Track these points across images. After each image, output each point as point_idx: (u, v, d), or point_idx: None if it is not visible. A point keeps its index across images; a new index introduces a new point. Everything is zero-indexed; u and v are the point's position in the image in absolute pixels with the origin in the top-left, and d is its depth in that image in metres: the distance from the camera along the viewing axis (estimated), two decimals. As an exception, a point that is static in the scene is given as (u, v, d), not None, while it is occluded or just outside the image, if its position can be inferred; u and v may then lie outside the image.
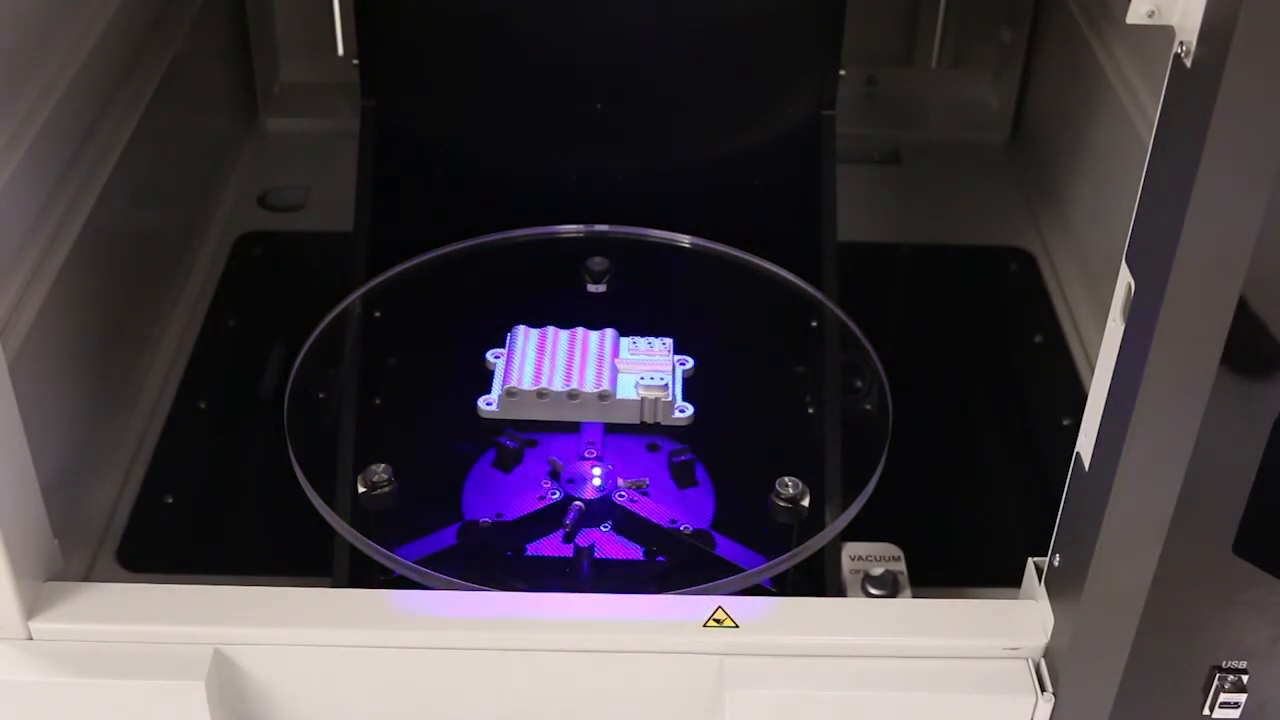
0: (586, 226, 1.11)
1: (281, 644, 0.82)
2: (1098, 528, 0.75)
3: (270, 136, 1.41)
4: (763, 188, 1.15)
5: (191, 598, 0.83)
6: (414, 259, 1.08)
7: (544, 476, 0.97)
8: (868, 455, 0.94)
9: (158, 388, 1.12)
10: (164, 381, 1.13)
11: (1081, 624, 0.79)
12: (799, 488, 0.91)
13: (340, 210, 1.12)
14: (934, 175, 1.37)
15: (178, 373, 1.14)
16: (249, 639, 0.82)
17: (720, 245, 1.09)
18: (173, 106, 1.16)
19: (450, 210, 1.13)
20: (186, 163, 1.23)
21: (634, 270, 1.09)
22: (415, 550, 0.90)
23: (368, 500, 0.91)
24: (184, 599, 0.83)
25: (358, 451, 0.96)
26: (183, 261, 1.22)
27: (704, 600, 0.83)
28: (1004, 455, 1.10)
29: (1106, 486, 0.74)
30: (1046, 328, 1.20)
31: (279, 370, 1.12)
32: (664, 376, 0.95)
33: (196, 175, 1.27)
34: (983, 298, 1.25)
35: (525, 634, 0.82)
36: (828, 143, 1.11)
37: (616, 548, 0.93)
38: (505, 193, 1.13)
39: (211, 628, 0.82)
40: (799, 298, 1.07)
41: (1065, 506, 0.81)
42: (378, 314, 1.07)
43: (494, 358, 0.97)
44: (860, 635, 0.83)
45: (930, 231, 1.29)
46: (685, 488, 0.98)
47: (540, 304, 1.03)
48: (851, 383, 1.02)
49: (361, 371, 1.03)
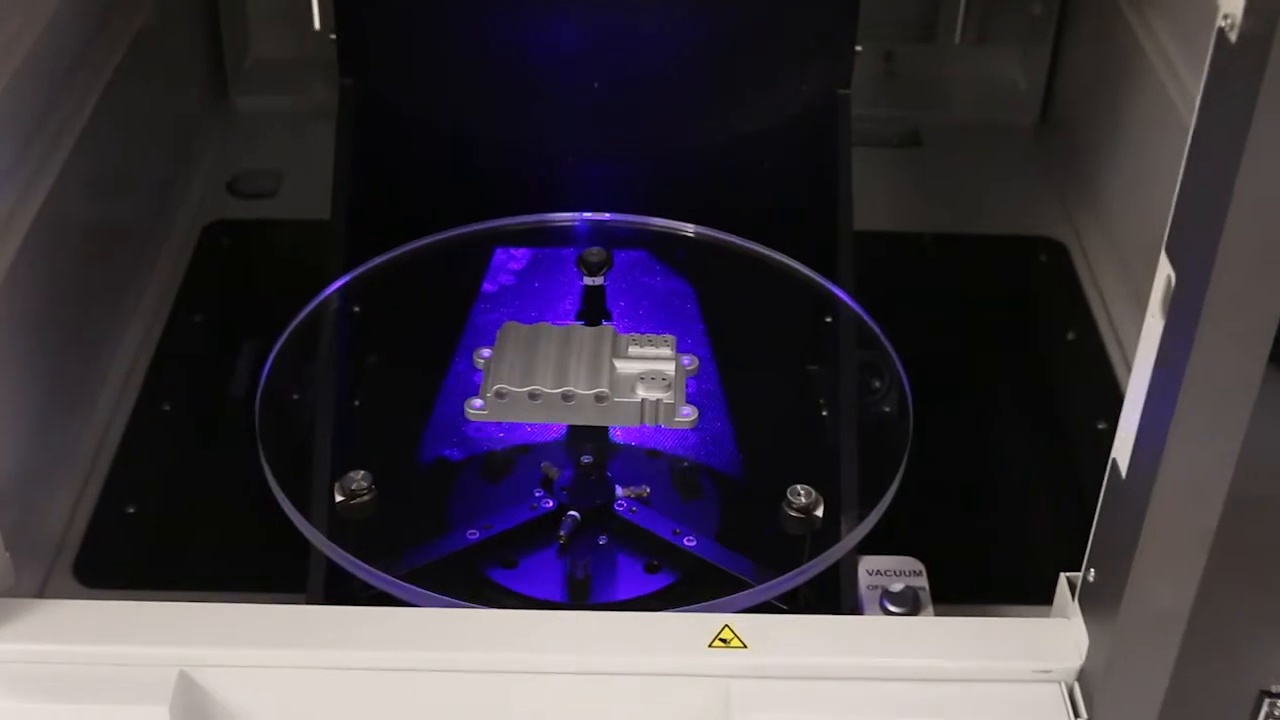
0: (583, 214, 1.11)
1: (252, 665, 0.82)
2: (1136, 540, 0.75)
3: (240, 117, 1.41)
4: (773, 173, 1.15)
5: (154, 616, 0.83)
6: (396, 249, 1.07)
7: (536, 485, 0.97)
8: (886, 461, 0.94)
9: (118, 389, 1.12)
10: (125, 382, 1.13)
11: (1118, 644, 0.79)
12: (812, 497, 0.91)
13: (316, 197, 1.12)
14: (957, 159, 1.37)
15: (140, 372, 1.14)
16: (217, 660, 0.82)
17: (727, 235, 1.09)
18: (135, 84, 1.16)
19: (435, 197, 1.14)
20: (150, 145, 1.23)
21: (634, 262, 1.09)
22: (397, 565, 0.89)
23: (346, 510, 0.91)
24: (146, 617, 0.83)
25: (335, 458, 0.95)
26: (146, 252, 1.22)
27: (709, 618, 0.83)
28: (1034, 462, 1.10)
29: (1145, 495, 0.74)
30: (1079, 324, 1.20)
31: (250, 370, 1.12)
32: (666, 376, 0.94)
33: (161, 159, 1.27)
34: (1010, 291, 1.25)
35: (516, 655, 0.82)
36: (843, 124, 1.11)
37: (615, 562, 0.94)
38: (495, 178, 1.13)
39: (176, 648, 0.82)
40: (812, 291, 1.07)
41: (1100, 517, 0.81)
42: (357, 309, 1.06)
43: (482, 356, 0.96)
44: (878, 656, 0.83)
45: (953, 220, 1.30)
46: (689, 497, 0.98)
47: (533, 298, 1.03)
48: (869, 383, 1.02)
49: (339, 371, 1.02)
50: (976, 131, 1.40)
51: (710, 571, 0.92)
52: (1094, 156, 1.29)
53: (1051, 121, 1.41)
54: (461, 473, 0.99)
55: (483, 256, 1.10)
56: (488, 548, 0.93)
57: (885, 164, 1.35)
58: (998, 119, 1.41)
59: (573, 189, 1.12)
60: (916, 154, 1.38)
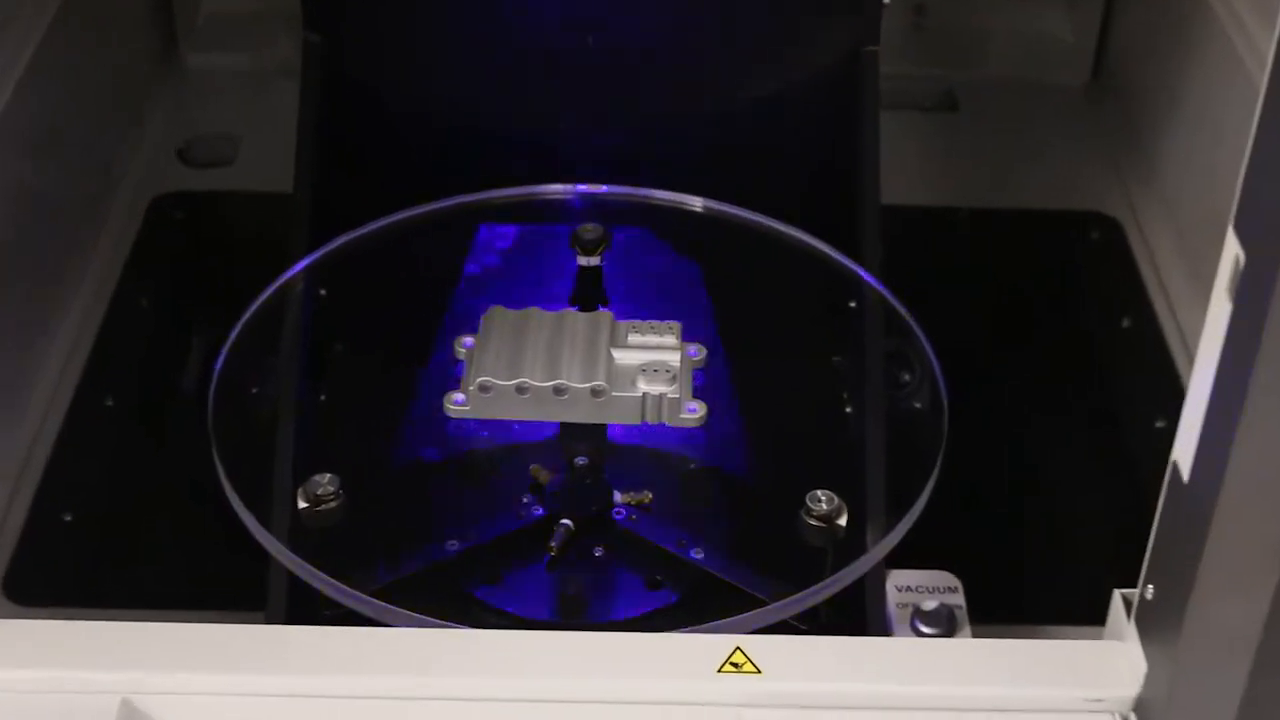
0: (577, 186, 1.11)
1: (204, 693, 0.81)
2: (1200, 552, 0.75)
3: (192, 76, 1.41)
4: (790, 140, 1.15)
5: (94, 636, 0.82)
6: (367, 225, 1.07)
7: (524, 490, 0.96)
8: (918, 463, 0.94)
9: (54, 381, 1.12)
10: (62, 373, 1.13)
11: (1181, 670, 0.78)
12: (834, 503, 0.91)
13: (278, 166, 1.11)
14: (998, 124, 1.37)
15: (78, 363, 1.13)
16: (164, 687, 0.81)
17: (739, 209, 1.09)
18: (74, 39, 1.16)
19: (411, 167, 1.13)
20: (90, 107, 1.23)
21: (635, 240, 1.09)
22: (368, 579, 0.89)
23: (310, 518, 0.91)
24: (85, 638, 0.82)
25: (298, 459, 0.95)
26: (86, 227, 1.22)
27: (719, 640, 0.83)
28: (1084, 464, 1.11)
29: (1210, 501, 0.74)
30: (1135, 309, 1.20)
31: (202, 360, 1.11)
32: (670, 368, 0.94)
33: (103, 123, 1.26)
34: (1058, 273, 1.25)
35: (501, 681, 0.82)
36: (869, 86, 1.11)
37: (612, 576, 0.94)
38: (478, 146, 1.13)
39: (118, 673, 0.81)
40: (834, 273, 1.06)
41: (1159, 526, 0.80)
42: (323, 292, 1.06)
43: (464, 346, 0.96)
44: (909, 683, 0.82)
45: (993, 193, 1.30)
46: (696, 504, 0.98)
47: (521, 280, 1.03)
48: (898, 375, 1.02)
49: (303, 361, 1.02)
50: (1018, 93, 1.40)
51: (720, 587, 0.92)
52: (1152, 120, 1.28)
53: (1103, 81, 1.40)
54: (440, 476, 0.99)
55: (465, 234, 1.10)
56: (470, 560, 0.93)
57: (916, 130, 1.35)
58: (1042, 78, 1.41)
59: (566, 158, 1.12)
60: (951, 118, 1.38)
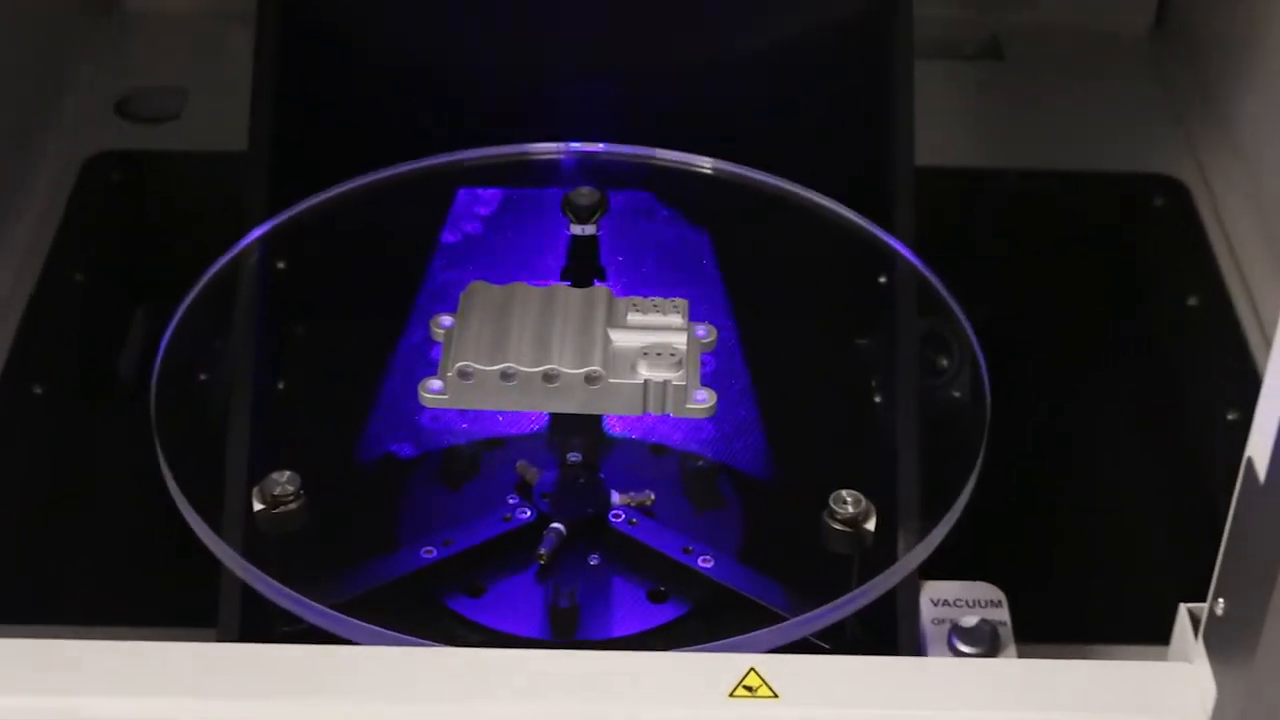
0: (570, 144, 1.11)
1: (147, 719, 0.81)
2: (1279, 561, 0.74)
3: (132, 18, 1.41)
4: (812, 92, 1.14)
5: (22, 655, 0.83)
6: (332, 189, 1.07)
7: (510, 490, 0.97)
8: (956, 460, 0.94)
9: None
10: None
11: (1254, 693, 0.78)
12: (861, 505, 0.91)
13: (230, 121, 1.11)
14: (1048, 75, 1.37)
15: (2, 346, 1.13)
16: (103, 712, 0.81)
17: (754, 171, 1.08)
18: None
19: (382, 122, 1.13)
20: (13, 54, 1.22)
21: (635, 205, 1.09)
22: (332, 591, 0.90)
23: (267, 521, 0.91)
24: (12, 657, 0.83)
25: (253, 454, 0.95)
26: (10, 192, 1.21)
27: (731, 659, 0.83)
28: (1145, 461, 1.11)
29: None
30: (1203, 286, 1.20)
31: (144, 342, 1.13)
32: (676, 351, 0.94)
33: (28, 72, 1.26)
34: (1116, 244, 1.25)
35: (485, 706, 0.82)
36: (901, 30, 1.10)
37: (610, 587, 0.94)
38: (458, 98, 1.13)
39: (51, 697, 0.81)
40: (862, 243, 1.06)
41: (1231, 532, 0.80)
42: (282, 265, 1.06)
43: (442, 326, 0.96)
44: (946, 708, 0.82)
45: (1043, 153, 1.29)
46: (705, 505, 0.98)
47: (506, 251, 1.04)
48: (934, 360, 1.03)
49: (259, 344, 1.02)
50: (1072, 39, 1.40)
51: (731, 600, 0.92)
52: (1224, 71, 1.29)
53: (1170, 26, 1.41)
54: (415, 474, 0.99)
55: (442, 198, 1.10)
56: (448, 569, 0.94)
57: (956, 81, 1.34)
58: (1100, 23, 1.41)
59: (557, 112, 1.12)
60: (996, 68, 1.38)
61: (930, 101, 1.13)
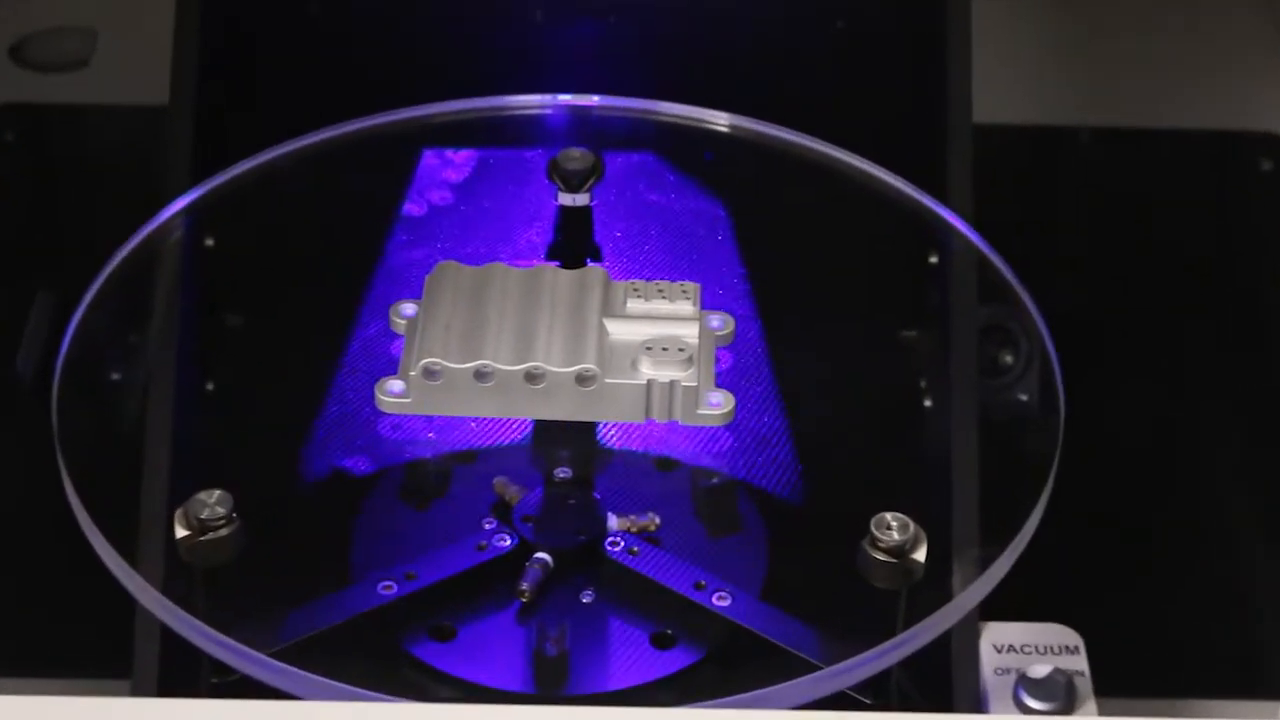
0: (558, 96, 1.08)
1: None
2: None
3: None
4: (847, 34, 1.12)
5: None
6: (270, 150, 1.03)
7: (486, 513, 0.94)
8: (1023, 478, 0.90)
9: None
10: None
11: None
12: (909, 532, 0.87)
13: (149, 69, 1.08)
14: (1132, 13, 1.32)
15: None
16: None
17: (779, 128, 1.05)
18: None
19: (331, 70, 1.11)
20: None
21: (636, 170, 1.06)
22: (271, 635, 0.86)
23: (193, 551, 0.87)
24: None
25: (177, 470, 0.93)
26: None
27: (753, 716, 0.80)
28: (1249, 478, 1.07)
29: None
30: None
31: (45, 334, 1.08)
32: (685, 345, 0.90)
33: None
34: (1215, 216, 1.22)
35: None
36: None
37: (606, 630, 0.91)
38: (422, 41, 1.11)
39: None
40: (909, 215, 1.03)
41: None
42: (210, 242, 1.04)
43: (404, 315, 0.93)
44: (1012, 778, 0.83)
45: (1126, 108, 1.26)
46: (721, 532, 0.96)
47: (481, 225, 1.01)
48: (997, 357, 1.00)
49: (183, 338, 0.99)
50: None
51: (753, 646, 0.89)
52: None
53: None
54: (371, 494, 0.97)
55: (404, 162, 1.07)
56: (411, 609, 0.91)
57: (1024, 21, 1.30)
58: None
59: (543, 60, 1.10)
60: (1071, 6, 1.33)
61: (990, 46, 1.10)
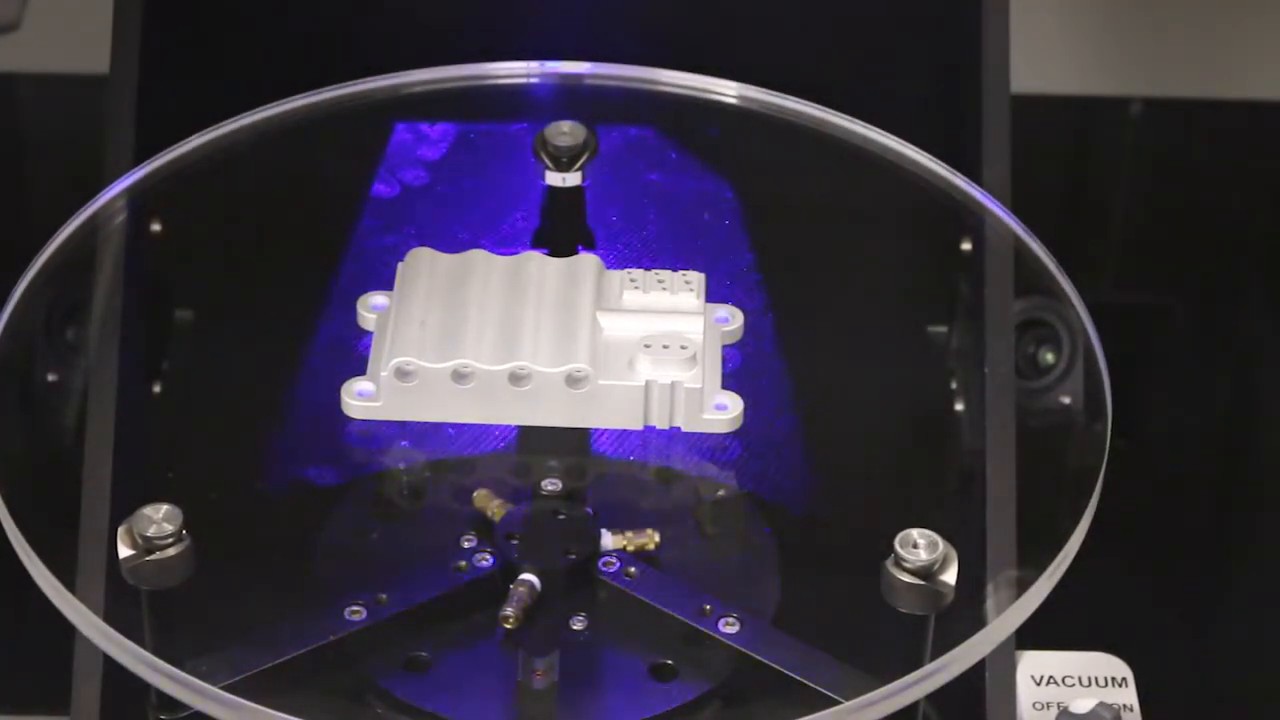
0: (546, 64, 1.08)
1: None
2: None
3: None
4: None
5: None
6: (224, 124, 1.03)
7: (465, 529, 0.92)
8: (1065, 492, 0.89)
9: None
10: None
11: None
12: (937, 551, 0.85)
13: (86, 33, 1.09)
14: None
15: None
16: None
17: (793, 99, 1.04)
18: None
19: (293, 32, 1.12)
20: None
21: (634, 146, 1.06)
22: (225, 666, 0.84)
23: (138, 572, 0.85)
24: None
25: (119, 482, 0.91)
26: None
27: None
28: None
29: None
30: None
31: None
32: (689, 343, 0.91)
33: None
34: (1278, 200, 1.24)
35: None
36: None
37: (600, 661, 0.89)
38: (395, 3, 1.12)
39: None
40: (939, 197, 1.01)
41: None
42: (157, 227, 1.03)
43: (374, 308, 0.94)
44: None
45: (1181, 77, 1.25)
46: (728, 551, 0.94)
47: (460, 208, 1.02)
48: (1036, 357, 0.98)
49: (126, 335, 0.98)
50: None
51: (764, 677, 0.87)
52: None
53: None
54: (337, 508, 0.95)
55: (374, 138, 1.08)
56: (382, 636, 0.88)
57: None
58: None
59: (529, 23, 1.10)
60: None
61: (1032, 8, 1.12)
